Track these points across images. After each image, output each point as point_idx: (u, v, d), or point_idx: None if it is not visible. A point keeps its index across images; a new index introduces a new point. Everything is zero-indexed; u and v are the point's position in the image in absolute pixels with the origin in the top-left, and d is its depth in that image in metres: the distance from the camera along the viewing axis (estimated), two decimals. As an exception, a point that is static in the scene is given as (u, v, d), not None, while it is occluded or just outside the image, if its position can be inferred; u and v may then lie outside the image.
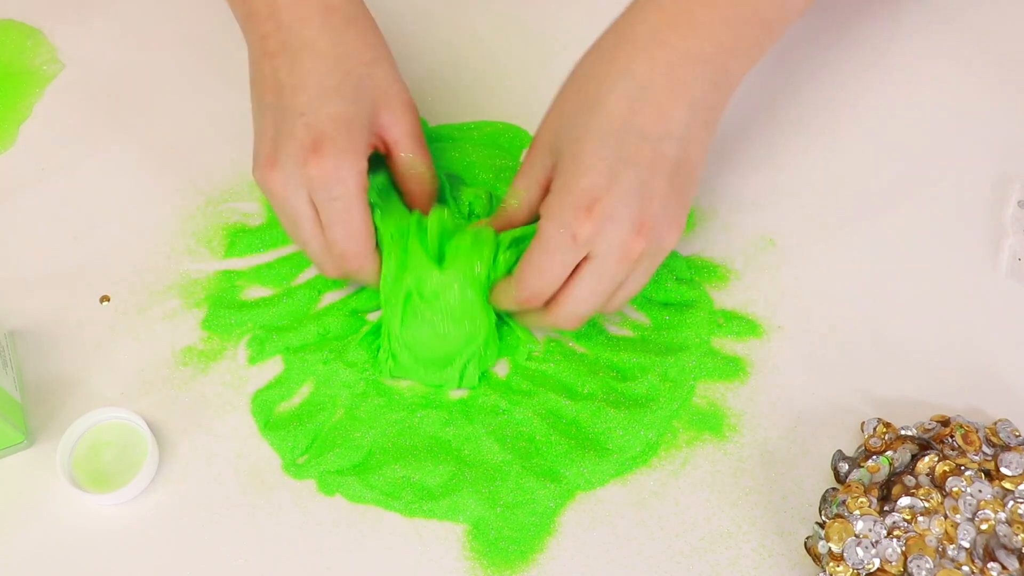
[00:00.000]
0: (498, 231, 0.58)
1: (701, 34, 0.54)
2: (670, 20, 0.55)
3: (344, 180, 0.56)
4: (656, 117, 0.54)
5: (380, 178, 0.60)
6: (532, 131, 0.67)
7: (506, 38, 0.72)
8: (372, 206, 0.58)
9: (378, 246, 0.58)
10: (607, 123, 0.54)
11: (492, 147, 0.68)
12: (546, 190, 0.57)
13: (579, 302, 0.55)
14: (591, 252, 0.54)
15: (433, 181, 0.61)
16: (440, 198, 0.63)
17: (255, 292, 0.63)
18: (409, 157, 0.60)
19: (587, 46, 0.57)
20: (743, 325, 0.61)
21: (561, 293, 0.55)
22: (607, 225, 0.53)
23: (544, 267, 0.55)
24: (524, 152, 0.59)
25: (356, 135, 0.57)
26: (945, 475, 0.52)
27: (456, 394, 0.59)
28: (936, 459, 0.53)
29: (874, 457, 0.54)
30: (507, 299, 0.57)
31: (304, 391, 0.60)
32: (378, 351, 0.60)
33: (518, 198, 0.58)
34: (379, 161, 0.61)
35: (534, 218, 0.57)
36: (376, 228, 0.58)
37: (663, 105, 0.54)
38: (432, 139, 0.67)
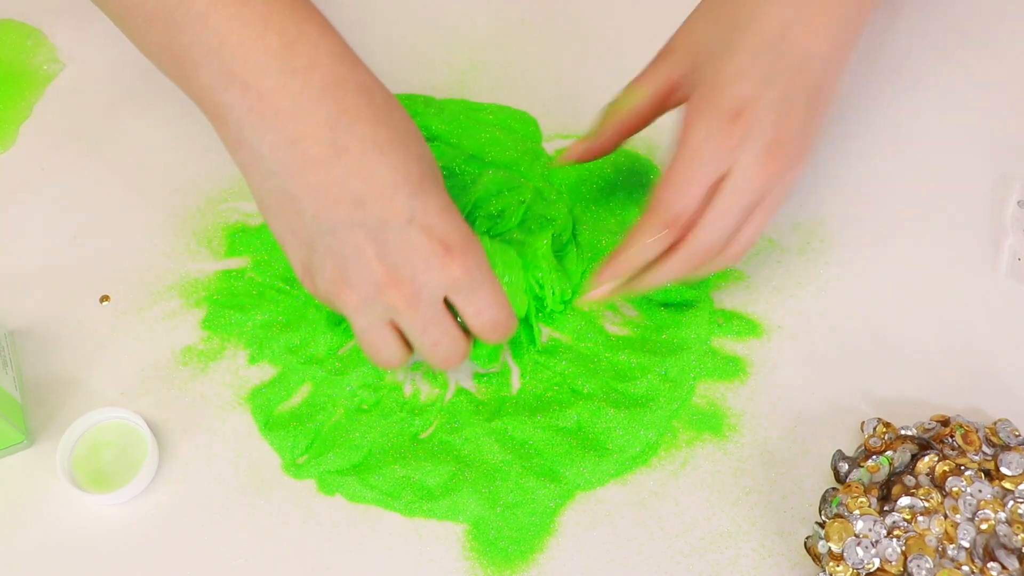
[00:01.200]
0: (604, 134, 0.58)
1: None
2: None
3: (483, 262, 0.53)
4: (806, 36, 0.54)
5: None
6: (542, 122, 0.68)
7: (518, 30, 0.72)
8: None
9: None
10: (758, 38, 0.54)
11: (507, 130, 0.68)
12: (665, 97, 0.57)
13: (717, 226, 0.53)
14: (731, 165, 0.53)
15: None
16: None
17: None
18: None
19: (599, 46, 0.58)
20: (743, 325, 0.61)
21: (700, 220, 0.53)
22: (749, 137, 0.52)
23: (691, 178, 0.53)
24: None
25: (460, 215, 0.53)
26: (945, 475, 0.52)
27: (451, 394, 0.59)
28: (936, 459, 0.53)
29: (874, 457, 0.54)
30: (647, 232, 0.54)
31: (304, 391, 0.60)
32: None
33: (639, 96, 0.57)
34: None
35: (634, 127, 0.58)
36: None
37: (814, 25, 0.54)
38: (442, 112, 0.68)
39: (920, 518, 0.51)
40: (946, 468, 0.52)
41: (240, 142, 0.50)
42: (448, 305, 0.53)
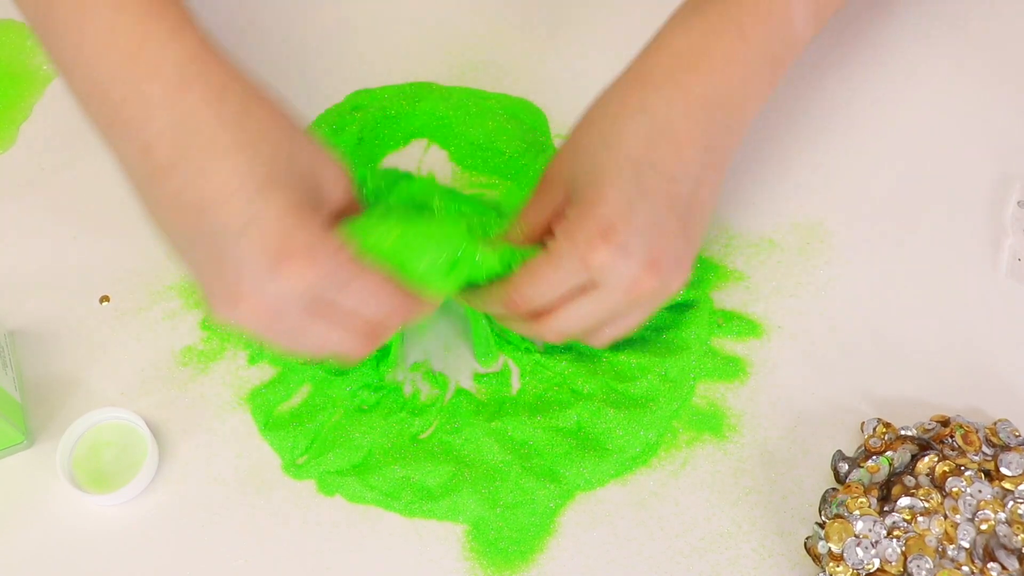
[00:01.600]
0: None
1: (716, 75, 0.54)
2: (685, 62, 0.54)
3: (340, 261, 0.48)
4: (672, 156, 0.53)
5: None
6: (551, 116, 0.68)
7: (522, 26, 0.73)
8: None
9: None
10: (624, 157, 0.53)
11: (513, 119, 0.68)
12: (550, 225, 0.55)
13: (571, 322, 0.54)
14: (599, 281, 0.52)
15: None
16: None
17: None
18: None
19: (608, 41, 0.58)
20: (743, 325, 0.61)
21: (556, 309, 0.54)
22: (620, 257, 0.51)
23: (548, 282, 0.53)
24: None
25: (316, 218, 0.49)
26: (945, 475, 0.52)
27: (451, 394, 0.59)
28: (936, 459, 0.53)
29: (874, 457, 0.54)
30: (494, 300, 0.55)
31: (304, 391, 0.60)
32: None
33: (525, 230, 0.56)
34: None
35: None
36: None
37: (680, 146, 0.53)
38: (450, 98, 0.68)
39: (920, 518, 0.51)
40: (946, 468, 0.52)
41: (115, 155, 0.49)
42: None
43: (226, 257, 0.47)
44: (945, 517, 0.51)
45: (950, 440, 0.54)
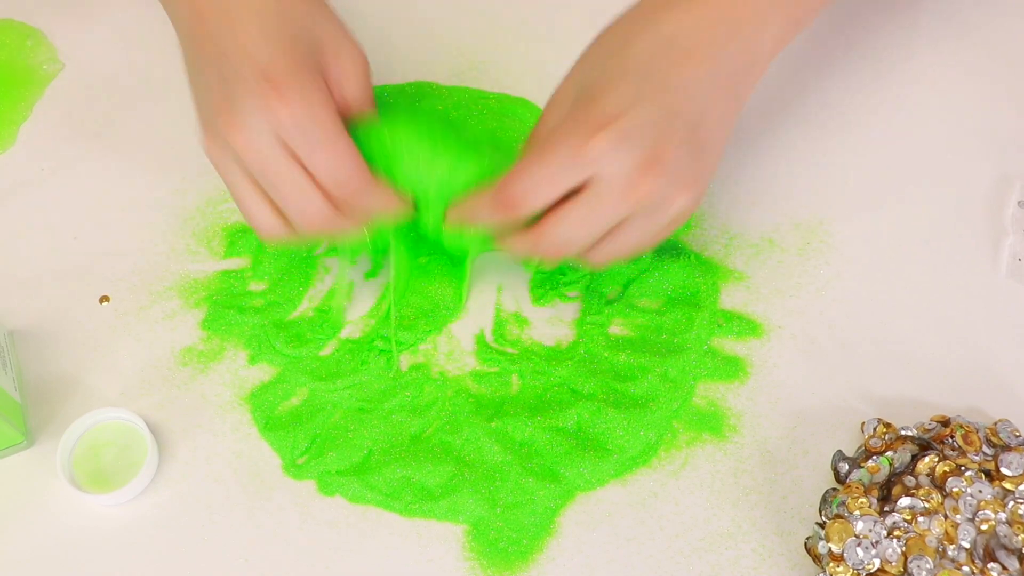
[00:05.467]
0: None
1: (728, 2, 0.53)
2: None
3: (317, 114, 0.51)
4: (677, 68, 0.52)
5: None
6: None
7: (522, 28, 0.73)
8: None
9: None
10: (630, 64, 0.52)
11: (512, 117, 0.68)
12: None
13: (567, 228, 0.51)
14: (593, 177, 0.50)
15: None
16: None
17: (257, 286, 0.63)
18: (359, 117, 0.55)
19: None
20: (743, 325, 0.61)
21: (550, 215, 0.51)
22: (619, 147, 0.49)
23: (541, 175, 0.50)
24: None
25: (311, 73, 0.52)
26: (945, 475, 0.52)
27: (449, 393, 0.59)
28: (936, 459, 0.53)
29: (874, 457, 0.54)
30: (485, 203, 0.53)
31: (304, 391, 0.60)
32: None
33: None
34: None
35: None
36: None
37: (685, 59, 0.52)
38: (450, 98, 0.69)
39: (920, 518, 0.51)
40: (946, 468, 0.52)
41: (170, 16, 0.58)
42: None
43: (227, 78, 0.52)
44: (945, 517, 0.51)
45: (950, 440, 0.54)
